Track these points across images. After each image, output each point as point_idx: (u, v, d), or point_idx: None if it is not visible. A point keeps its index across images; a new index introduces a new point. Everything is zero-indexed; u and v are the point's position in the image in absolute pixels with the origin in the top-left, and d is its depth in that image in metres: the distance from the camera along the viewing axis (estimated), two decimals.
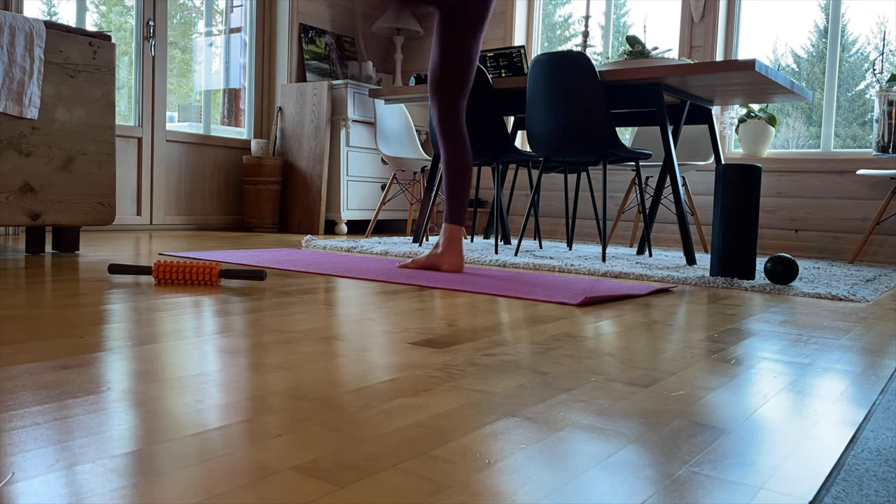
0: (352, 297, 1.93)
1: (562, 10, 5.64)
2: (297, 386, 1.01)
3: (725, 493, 0.69)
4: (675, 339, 1.48)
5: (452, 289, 2.15)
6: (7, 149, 2.57)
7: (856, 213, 4.26)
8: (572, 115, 3.16)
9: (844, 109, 4.57)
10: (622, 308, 1.90)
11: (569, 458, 0.77)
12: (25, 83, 2.58)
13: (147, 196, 4.69)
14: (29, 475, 0.66)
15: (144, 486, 0.65)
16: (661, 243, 4.90)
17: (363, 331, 1.44)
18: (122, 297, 1.77)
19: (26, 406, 0.87)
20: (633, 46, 3.36)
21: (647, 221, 3.60)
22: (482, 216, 5.57)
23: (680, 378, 1.14)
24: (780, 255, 2.51)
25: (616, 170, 5.07)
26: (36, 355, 1.13)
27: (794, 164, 4.43)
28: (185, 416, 0.86)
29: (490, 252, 3.46)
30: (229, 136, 5.30)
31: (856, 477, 0.75)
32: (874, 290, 2.45)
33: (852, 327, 1.73)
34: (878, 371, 1.26)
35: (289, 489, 0.66)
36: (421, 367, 1.14)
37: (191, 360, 1.14)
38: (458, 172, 2.64)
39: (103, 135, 2.86)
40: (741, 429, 0.89)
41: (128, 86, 4.63)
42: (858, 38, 4.55)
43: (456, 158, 2.64)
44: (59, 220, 2.74)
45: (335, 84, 5.07)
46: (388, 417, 0.88)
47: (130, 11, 4.61)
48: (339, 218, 5.06)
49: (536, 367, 1.17)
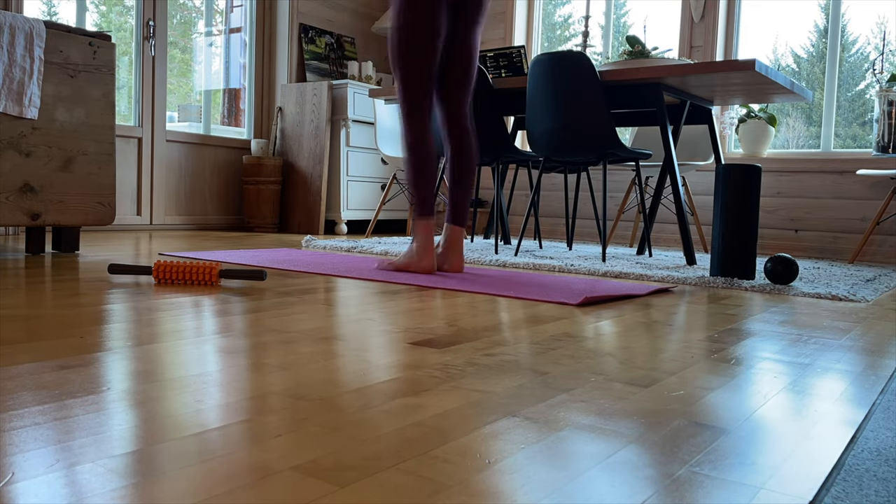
0: (352, 297, 1.93)
1: (562, 10, 5.64)
2: (297, 386, 1.01)
3: (725, 493, 0.69)
4: (675, 339, 1.48)
5: (452, 289, 2.15)
6: (7, 149, 2.57)
7: (856, 213, 4.26)
8: (572, 115, 3.16)
9: (844, 109, 4.57)
10: (622, 308, 1.90)
11: (569, 458, 0.77)
12: (25, 83, 2.58)
13: (147, 196, 4.69)
14: (29, 475, 0.66)
15: (144, 486, 0.65)
16: (661, 243, 4.90)
17: (363, 331, 1.44)
18: (122, 297, 1.77)
19: (26, 406, 0.87)
20: (633, 46, 3.36)
21: (647, 221, 3.60)
22: (482, 216, 5.57)
23: (680, 378, 1.14)
24: (780, 255, 2.51)
25: (616, 170, 5.07)
26: (36, 355, 1.13)
27: (794, 164, 4.43)
28: (185, 416, 0.86)
29: (490, 252, 3.46)
30: (229, 136, 5.30)
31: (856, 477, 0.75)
32: (874, 290, 2.45)
33: (852, 327, 1.73)
34: (878, 371, 1.26)
35: (289, 489, 0.66)
36: (421, 367, 1.14)
37: (191, 360, 1.14)
38: (421, 169, 2.48)
39: (103, 135, 2.86)
40: (741, 429, 0.89)
41: (128, 86, 4.63)
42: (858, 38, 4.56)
43: (413, 153, 2.48)
44: (59, 220, 2.74)
45: (335, 84, 5.07)
46: (388, 417, 0.88)
47: (130, 11, 4.61)
48: (339, 218, 5.06)
49: (536, 367, 1.17)
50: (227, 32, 5.30)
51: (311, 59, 5.37)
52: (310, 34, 5.39)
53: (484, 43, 5.57)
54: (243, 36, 5.33)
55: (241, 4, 5.32)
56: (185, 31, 5.14)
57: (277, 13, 5.33)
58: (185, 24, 5.15)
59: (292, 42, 5.29)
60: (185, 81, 5.19)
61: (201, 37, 5.19)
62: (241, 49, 5.33)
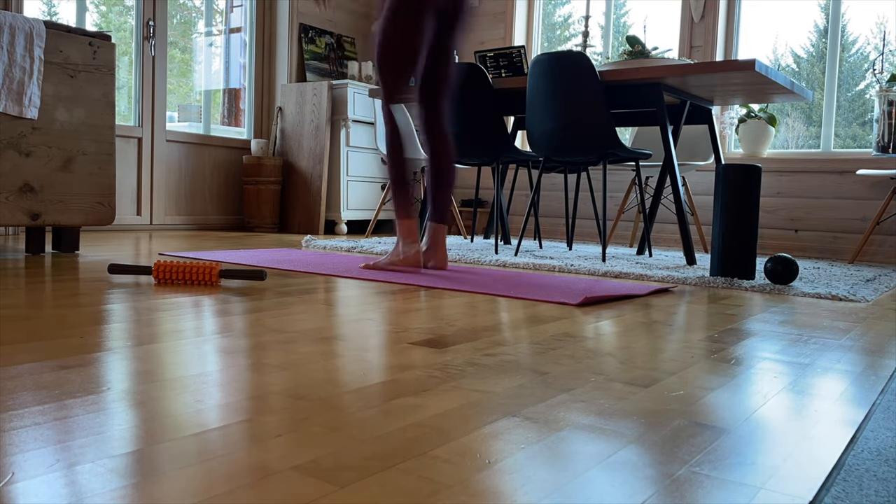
0: (352, 297, 1.93)
1: (562, 10, 5.64)
2: (297, 386, 1.01)
3: (725, 493, 0.69)
4: (675, 339, 1.48)
5: (452, 289, 2.15)
6: (7, 149, 2.57)
7: (856, 213, 4.26)
8: (572, 115, 3.16)
9: (844, 109, 4.57)
10: (622, 308, 1.90)
11: (569, 458, 0.77)
12: (25, 83, 2.58)
13: (147, 196, 4.69)
14: (29, 475, 0.66)
15: (144, 486, 0.65)
16: (661, 243, 4.90)
17: (363, 331, 1.44)
18: (122, 297, 1.77)
19: (26, 406, 0.87)
20: (633, 46, 3.36)
21: (647, 221, 3.60)
22: (482, 216, 5.57)
23: (680, 378, 1.14)
24: (780, 255, 2.51)
25: (616, 170, 5.07)
26: (36, 355, 1.13)
27: (794, 164, 4.43)
28: (185, 416, 0.86)
29: (490, 252, 3.46)
30: (229, 136, 5.30)
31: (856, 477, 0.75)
32: (874, 290, 2.45)
33: (852, 327, 1.73)
34: (878, 371, 1.26)
35: (289, 489, 0.66)
36: (421, 367, 1.14)
37: (191, 360, 1.14)
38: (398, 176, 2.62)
39: (103, 135, 2.86)
40: (741, 429, 0.89)
41: (128, 86, 4.63)
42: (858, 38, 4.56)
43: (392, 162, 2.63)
44: (59, 220, 2.74)
45: (335, 84, 5.07)
46: (388, 417, 0.88)
47: (130, 11, 4.61)
48: (339, 218, 5.06)
49: (536, 367, 1.17)
50: (227, 32, 5.30)
51: (311, 59, 5.37)
52: (310, 34, 5.39)
53: (483, 43, 5.58)
54: (243, 36, 5.33)
55: (241, 4, 5.32)
56: (185, 31, 5.14)
57: (277, 13, 5.33)
58: (185, 24, 5.15)
59: (292, 42, 5.29)
60: (185, 81, 5.19)
61: (201, 37, 5.19)
62: (241, 49, 5.33)
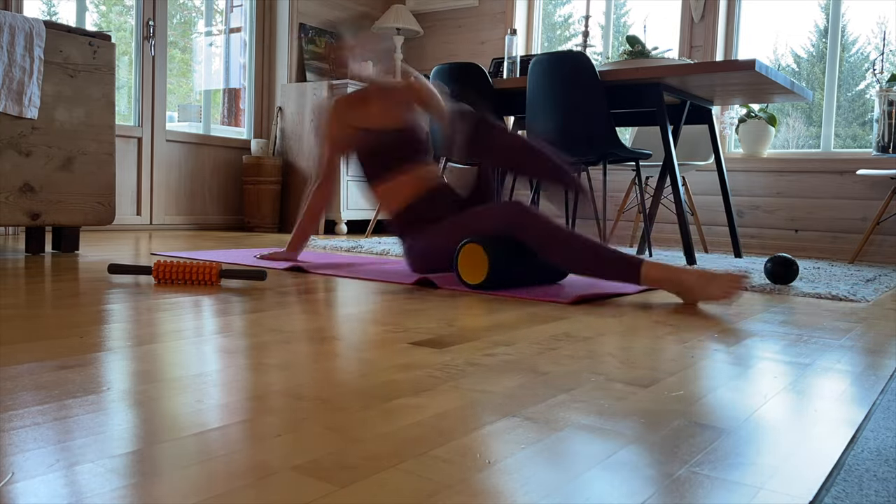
0: (352, 297, 1.93)
1: (562, 10, 5.64)
2: (297, 386, 1.01)
3: (725, 493, 0.69)
4: (675, 339, 1.48)
5: (452, 289, 2.15)
6: (7, 149, 2.57)
7: (856, 213, 4.26)
8: (572, 116, 3.16)
9: (844, 109, 4.57)
10: (622, 308, 1.90)
11: (569, 458, 0.77)
12: (25, 83, 2.58)
13: (147, 196, 4.69)
14: (29, 475, 0.66)
15: (144, 486, 0.65)
16: (661, 243, 4.90)
17: (363, 331, 1.44)
18: (122, 297, 1.77)
19: (26, 406, 0.87)
20: (633, 46, 3.36)
21: (647, 221, 3.59)
22: None
23: (680, 378, 1.14)
24: (780, 255, 2.51)
25: (616, 170, 5.07)
26: (36, 355, 1.13)
27: (794, 164, 4.43)
28: (185, 416, 0.86)
29: None
30: (229, 136, 5.30)
31: (856, 477, 0.75)
32: (874, 290, 2.45)
33: (852, 327, 1.73)
34: (878, 371, 1.26)
35: (289, 489, 0.66)
36: (421, 367, 1.14)
37: (191, 360, 1.14)
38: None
39: (103, 135, 2.86)
40: (741, 429, 0.89)
41: (128, 86, 4.63)
42: (858, 38, 4.56)
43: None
44: (59, 219, 2.74)
45: (335, 84, 5.07)
46: (388, 417, 0.88)
47: (130, 11, 4.61)
48: (338, 218, 5.06)
49: (536, 367, 1.17)
50: (227, 32, 5.30)
51: (311, 59, 5.37)
52: (310, 34, 5.39)
53: (483, 43, 5.58)
54: (243, 36, 5.33)
55: (241, 4, 5.32)
56: (185, 31, 5.14)
57: (277, 13, 5.33)
58: (185, 24, 5.15)
59: (292, 42, 5.29)
60: (185, 81, 5.19)
61: (201, 37, 5.19)
62: (241, 49, 5.33)
